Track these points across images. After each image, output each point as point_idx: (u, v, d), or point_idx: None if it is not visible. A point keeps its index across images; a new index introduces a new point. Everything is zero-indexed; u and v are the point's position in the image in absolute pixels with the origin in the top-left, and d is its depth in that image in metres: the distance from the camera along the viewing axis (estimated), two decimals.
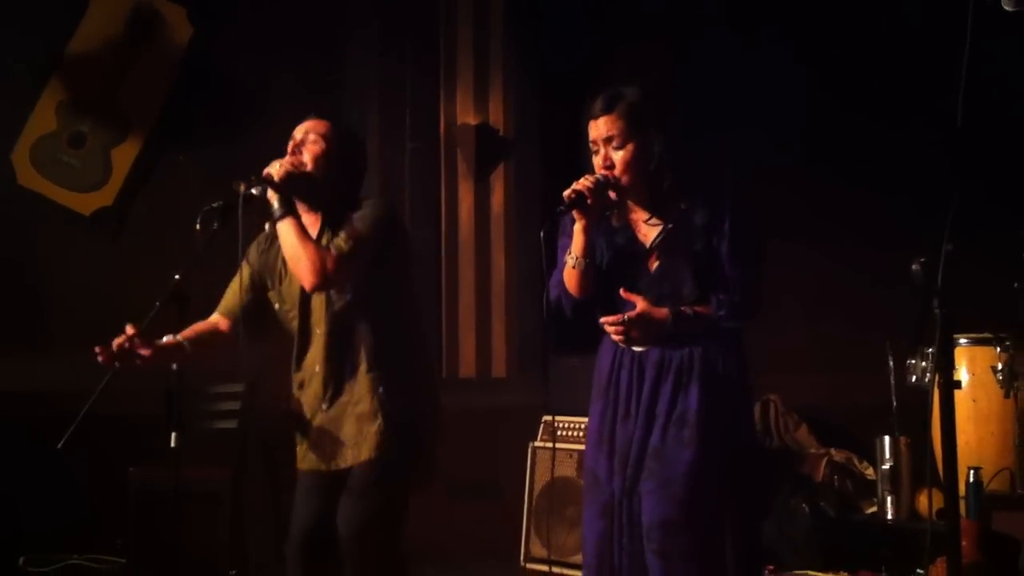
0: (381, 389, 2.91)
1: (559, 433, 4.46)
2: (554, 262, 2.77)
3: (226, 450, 4.64)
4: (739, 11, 5.24)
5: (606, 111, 2.64)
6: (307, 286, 2.89)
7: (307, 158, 2.95)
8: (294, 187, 2.89)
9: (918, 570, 3.99)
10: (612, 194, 2.66)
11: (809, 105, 5.19)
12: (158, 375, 3.55)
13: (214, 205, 3.07)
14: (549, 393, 4.74)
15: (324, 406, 2.98)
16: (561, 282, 2.74)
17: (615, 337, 2.64)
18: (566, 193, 2.61)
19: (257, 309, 3.10)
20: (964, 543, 3.28)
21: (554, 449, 4.43)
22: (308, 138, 2.97)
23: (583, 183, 2.61)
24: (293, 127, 3.02)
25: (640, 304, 2.61)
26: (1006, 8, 2.16)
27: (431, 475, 3.03)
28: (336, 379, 2.96)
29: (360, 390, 2.93)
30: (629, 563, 2.61)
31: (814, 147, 5.18)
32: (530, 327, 5.38)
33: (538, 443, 4.50)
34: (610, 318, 2.62)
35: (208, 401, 4.81)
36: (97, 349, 2.90)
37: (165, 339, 2.99)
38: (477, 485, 4.91)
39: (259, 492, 4.94)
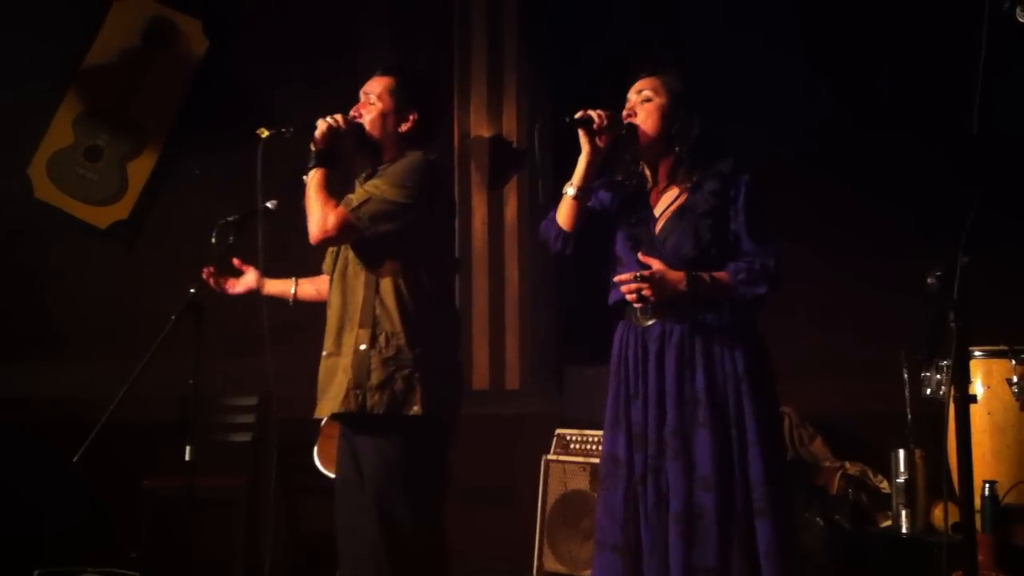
0: (363, 347, 2.85)
1: (572, 446, 4.45)
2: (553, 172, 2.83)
3: (240, 459, 4.65)
4: (751, 21, 5.24)
5: (648, 74, 2.78)
6: (311, 240, 2.89)
7: (366, 119, 2.97)
8: (335, 143, 2.91)
9: None
10: (626, 138, 2.72)
11: (820, 113, 5.18)
12: (173, 385, 3.57)
13: (230, 219, 3.10)
14: (563, 403, 4.73)
15: (324, 353, 2.97)
16: (553, 212, 2.79)
17: (628, 297, 2.63)
18: (579, 113, 2.68)
19: None
20: (980, 557, 3.26)
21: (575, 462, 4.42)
22: (368, 99, 3.00)
23: (598, 111, 2.69)
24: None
25: (656, 265, 2.62)
26: (1021, 21, 2.15)
27: (434, 452, 2.92)
28: (337, 328, 2.94)
29: (348, 343, 2.89)
30: (652, 540, 2.60)
31: (825, 155, 5.17)
32: (544, 338, 5.38)
33: (551, 456, 4.49)
34: (624, 275, 2.63)
35: (223, 413, 4.83)
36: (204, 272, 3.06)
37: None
38: (491, 495, 4.91)
39: (273, 502, 4.95)
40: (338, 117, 2.92)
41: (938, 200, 2.33)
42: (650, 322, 2.69)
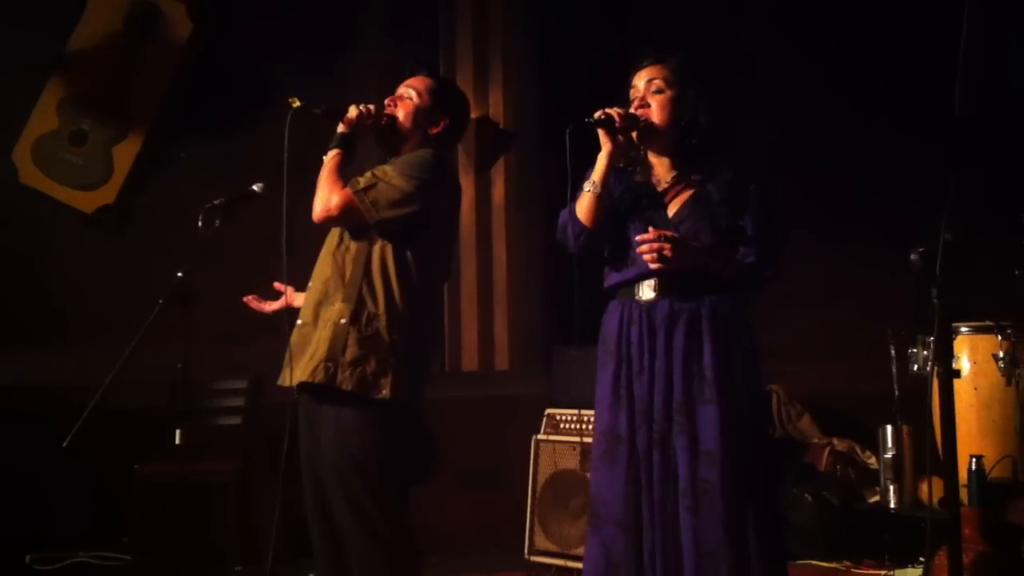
0: (343, 321, 2.86)
1: (562, 426, 4.47)
2: (578, 174, 2.76)
3: (232, 444, 4.66)
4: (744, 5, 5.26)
5: (656, 62, 2.78)
6: (314, 217, 2.91)
7: (400, 112, 3.01)
8: (360, 130, 2.96)
9: (921, 558, 4.01)
10: (635, 134, 2.72)
11: (813, 99, 5.21)
12: (163, 371, 3.58)
13: (216, 202, 3.10)
14: (552, 385, 4.74)
15: (299, 322, 2.98)
16: (571, 210, 2.77)
17: (647, 256, 2.64)
18: (597, 113, 2.68)
19: None
20: (966, 531, 3.29)
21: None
22: (406, 92, 3.03)
23: (615, 109, 2.70)
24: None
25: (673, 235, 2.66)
26: None
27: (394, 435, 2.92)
28: (318, 300, 2.95)
29: (327, 316, 2.90)
30: (661, 517, 2.62)
31: (818, 139, 5.19)
32: (532, 319, 5.39)
33: (541, 436, 4.51)
34: (647, 235, 2.64)
35: (213, 397, 4.83)
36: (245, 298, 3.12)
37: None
38: (481, 476, 4.93)
39: (266, 486, 4.96)
40: (371, 107, 2.97)
41: (928, 182, 2.35)
42: (650, 296, 2.70)
